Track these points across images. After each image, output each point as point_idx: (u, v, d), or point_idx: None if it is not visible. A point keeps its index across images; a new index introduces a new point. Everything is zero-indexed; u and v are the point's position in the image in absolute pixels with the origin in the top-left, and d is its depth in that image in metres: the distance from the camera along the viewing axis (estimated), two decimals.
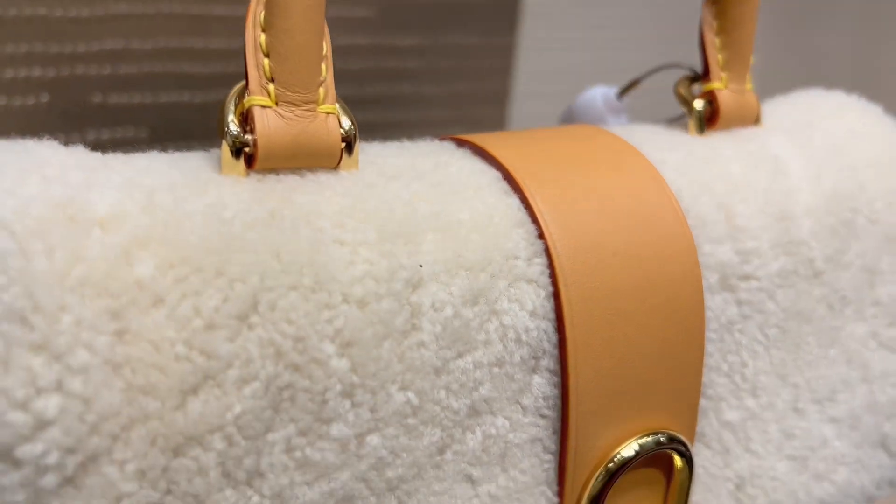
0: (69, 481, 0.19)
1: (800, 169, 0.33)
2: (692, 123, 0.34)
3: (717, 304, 0.29)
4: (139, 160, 0.23)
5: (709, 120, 0.34)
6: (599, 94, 0.38)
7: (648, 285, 0.27)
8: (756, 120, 0.35)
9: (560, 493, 0.27)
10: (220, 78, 0.42)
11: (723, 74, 0.34)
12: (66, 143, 0.22)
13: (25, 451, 0.19)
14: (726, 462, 0.32)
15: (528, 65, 0.58)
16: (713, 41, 0.34)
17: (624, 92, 0.38)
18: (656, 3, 0.62)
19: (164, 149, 0.24)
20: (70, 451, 0.19)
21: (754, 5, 0.33)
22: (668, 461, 0.29)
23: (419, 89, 0.53)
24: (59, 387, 0.19)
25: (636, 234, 0.27)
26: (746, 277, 0.30)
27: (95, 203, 0.21)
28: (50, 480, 0.19)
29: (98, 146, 0.25)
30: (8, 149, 0.21)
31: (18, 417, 0.18)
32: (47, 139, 0.22)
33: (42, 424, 0.19)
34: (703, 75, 0.34)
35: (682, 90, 0.34)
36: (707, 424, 0.31)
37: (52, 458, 0.19)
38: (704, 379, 0.30)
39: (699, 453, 0.31)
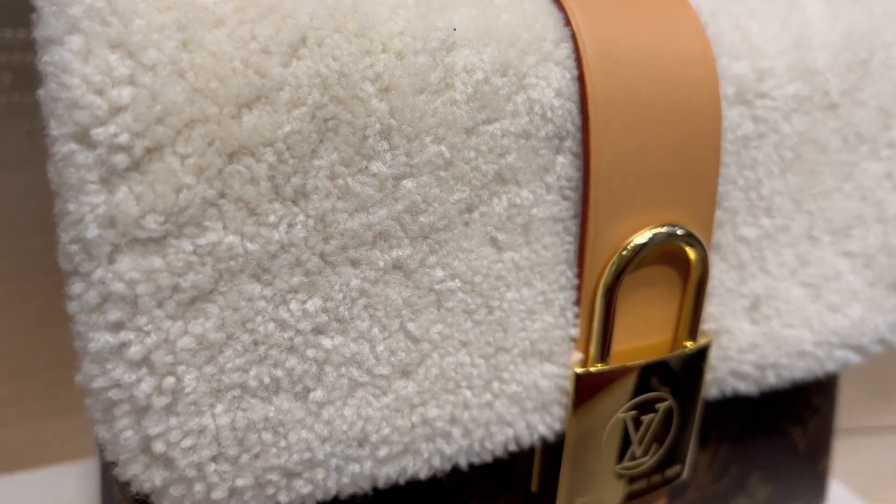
0: (136, 166, 0.21)
1: (817, 7, 0.34)
2: None
3: (733, 117, 0.31)
4: None
5: None
6: None
7: (668, 82, 0.29)
8: None
9: (579, 276, 0.29)
10: None
11: None
12: None
13: (100, 132, 0.21)
14: (742, 278, 0.33)
15: None
16: None
17: None
18: None
19: None
20: (139, 135, 0.21)
21: None
22: (684, 262, 0.31)
23: None
24: (131, 80, 0.21)
25: (658, 35, 0.29)
26: (762, 95, 0.31)
27: None
28: (120, 160, 0.21)
29: None
30: None
31: (95, 101, 0.21)
32: None
33: (116, 109, 0.21)
34: None
35: None
36: (723, 236, 0.32)
37: (123, 140, 0.21)
38: (721, 190, 0.31)
39: (716, 265, 0.32)
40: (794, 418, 0.42)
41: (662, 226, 0.29)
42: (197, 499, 0.24)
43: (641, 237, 0.29)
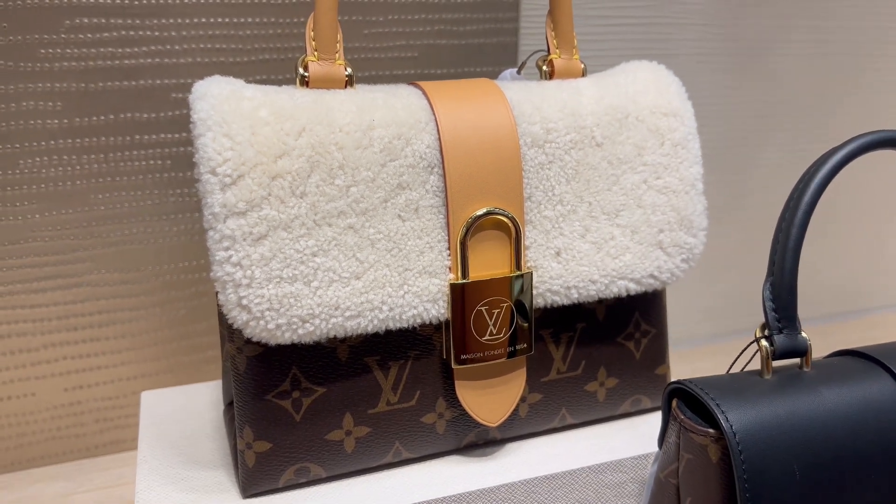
0: (234, 182, 0.52)
1: (591, 93, 0.63)
2: (540, 78, 0.65)
3: (531, 154, 0.60)
4: (258, 84, 0.57)
5: (550, 75, 0.65)
6: (508, 72, 0.70)
7: (488, 137, 0.58)
8: (582, 76, 0.66)
9: (448, 235, 0.58)
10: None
11: (557, 50, 0.65)
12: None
13: (219, 169, 0.52)
14: (548, 239, 0.61)
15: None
16: (551, 33, 0.65)
17: (520, 69, 0.70)
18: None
19: None
20: (234, 170, 0.52)
21: (567, 8, 0.64)
22: (507, 228, 0.59)
23: None
24: (231, 148, 0.53)
25: (484, 117, 0.59)
26: (549, 141, 0.60)
27: (245, 93, 0.55)
28: (227, 180, 0.52)
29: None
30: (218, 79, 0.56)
31: (217, 157, 0.52)
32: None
33: (224, 160, 0.52)
34: (548, 52, 0.66)
35: (539, 62, 0.66)
36: (533, 216, 0.61)
37: (228, 171, 0.52)
38: (527, 192, 0.60)
39: (530, 232, 0.61)
40: (628, 337, 0.69)
41: (491, 208, 0.58)
42: (260, 328, 0.54)
43: (478, 212, 0.58)
